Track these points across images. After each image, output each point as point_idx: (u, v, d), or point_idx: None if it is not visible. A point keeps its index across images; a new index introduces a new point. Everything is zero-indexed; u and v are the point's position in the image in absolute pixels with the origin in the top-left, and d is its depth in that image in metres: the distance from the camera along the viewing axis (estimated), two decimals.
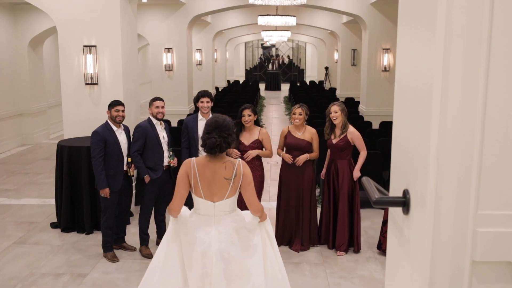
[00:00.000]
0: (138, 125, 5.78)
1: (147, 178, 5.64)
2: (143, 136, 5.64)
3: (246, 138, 5.82)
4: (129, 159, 5.75)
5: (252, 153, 5.75)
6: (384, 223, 5.79)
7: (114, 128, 5.68)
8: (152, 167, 5.69)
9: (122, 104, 5.76)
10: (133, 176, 5.88)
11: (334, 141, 5.89)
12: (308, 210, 5.95)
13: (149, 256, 5.78)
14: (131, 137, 5.83)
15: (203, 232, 3.42)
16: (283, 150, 6.00)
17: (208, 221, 3.44)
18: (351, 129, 5.85)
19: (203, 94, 6.02)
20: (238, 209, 3.59)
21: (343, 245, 5.88)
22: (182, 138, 6.02)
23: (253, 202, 3.49)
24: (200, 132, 5.90)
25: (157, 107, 5.74)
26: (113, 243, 5.84)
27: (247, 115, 5.82)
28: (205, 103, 5.97)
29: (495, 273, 1.53)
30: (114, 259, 5.69)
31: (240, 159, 3.62)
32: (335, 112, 5.81)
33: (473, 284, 1.54)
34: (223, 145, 3.39)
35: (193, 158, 3.54)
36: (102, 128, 5.66)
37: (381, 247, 5.87)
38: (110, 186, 5.58)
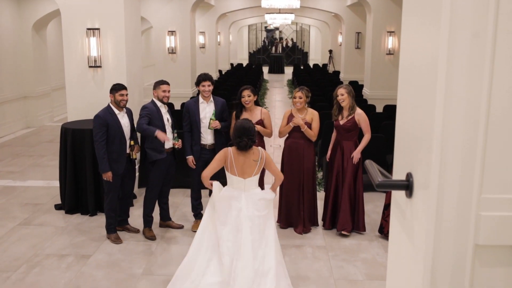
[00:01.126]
0: (145, 106, 5.75)
1: (159, 134, 5.44)
2: (149, 116, 5.64)
3: (249, 116, 5.84)
4: (132, 142, 5.76)
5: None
6: (386, 206, 5.80)
7: (116, 111, 5.67)
8: (155, 147, 5.68)
9: (126, 88, 5.75)
10: (135, 159, 5.88)
11: (341, 122, 5.89)
12: (308, 192, 5.98)
13: (152, 238, 5.82)
14: (135, 118, 5.83)
15: (237, 200, 4.47)
16: (287, 132, 6.03)
17: (240, 192, 4.51)
18: (359, 111, 5.86)
19: (203, 77, 5.98)
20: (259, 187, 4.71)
21: (347, 226, 5.91)
22: (184, 122, 5.99)
23: (277, 172, 4.79)
24: (202, 115, 5.92)
25: (164, 90, 5.74)
26: (116, 225, 5.89)
27: (247, 96, 5.86)
28: (206, 86, 5.95)
29: (498, 256, 1.53)
30: (117, 240, 5.73)
31: (260, 148, 4.73)
32: (342, 95, 5.82)
33: (476, 268, 1.54)
34: (251, 144, 4.57)
35: (230, 148, 4.61)
36: (104, 111, 5.65)
37: (383, 231, 5.89)
38: (113, 169, 5.58)
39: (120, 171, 5.63)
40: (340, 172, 5.95)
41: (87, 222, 6.40)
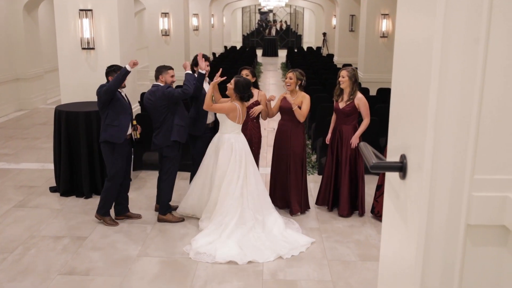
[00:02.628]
0: (157, 88, 5.63)
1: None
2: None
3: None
4: (134, 122, 5.77)
5: (257, 109, 5.95)
6: (378, 187, 5.87)
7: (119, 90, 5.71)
8: (183, 125, 5.73)
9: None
10: (138, 138, 5.87)
11: (340, 106, 5.89)
12: (295, 175, 5.99)
13: (181, 219, 5.91)
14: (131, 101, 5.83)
15: (240, 141, 5.53)
16: (276, 112, 6.11)
17: (238, 134, 5.57)
18: (359, 95, 5.86)
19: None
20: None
21: (346, 211, 5.96)
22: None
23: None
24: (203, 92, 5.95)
25: (172, 75, 5.74)
26: (116, 214, 5.88)
27: (245, 75, 5.91)
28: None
29: (490, 236, 1.56)
30: (113, 222, 5.74)
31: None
32: (342, 77, 5.82)
33: (468, 247, 1.57)
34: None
35: (236, 103, 5.52)
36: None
37: (374, 211, 5.97)
38: (115, 138, 5.53)
39: (121, 140, 5.54)
40: (336, 156, 5.98)
41: (82, 204, 6.42)
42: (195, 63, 6.04)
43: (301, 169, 6.02)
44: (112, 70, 5.67)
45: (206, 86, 6.08)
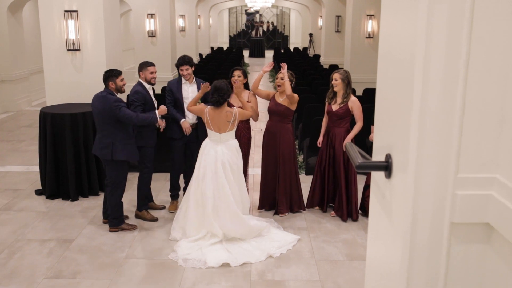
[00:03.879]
0: (137, 90, 5.68)
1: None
2: (144, 100, 5.65)
3: (236, 101, 5.87)
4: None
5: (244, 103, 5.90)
6: (366, 187, 5.89)
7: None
8: (151, 131, 5.78)
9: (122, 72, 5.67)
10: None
11: (334, 108, 5.88)
12: (284, 175, 6.00)
13: (154, 219, 5.94)
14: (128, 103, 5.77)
15: (214, 150, 5.34)
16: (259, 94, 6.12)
17: (216, 144, 5.38)
18: (353, 98, 5.84)
19: (181, 62, 6.00)
20: (236, 140, 5.52)
21: (341, 213, 5.95)
22: (167, 99, 6.06)
23: (251, 111, 5.68)
24: (184, 94, 5.97)
25: (152, 72, 5.75)
26: (110, 226, 5.73)
27: (237, 76, 5.91)
28: (185, 71, 5.99)
29: (473, 234, 1.58)
30: (130, 226, 5.69)
31: (236, 108, 5.45)
32: (335, 80, 5.80)
33: (452, 245, 1.59)
34: (221, 101, 5.31)
35: (207, 107, 5.38)
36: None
37: (364, 208, 5.99)
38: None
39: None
40: (331, 158, 5.96)
41: (69, 207, 6.38)
42: (180, 63, 6.03)
43: (289, 170, 6.01)
44: (113, 75, 5.44)
45: (191, 89, 6.05)
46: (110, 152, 5.35)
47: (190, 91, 6.02)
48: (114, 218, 5.59)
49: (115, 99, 5.32)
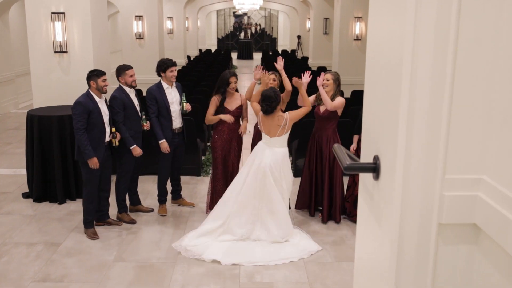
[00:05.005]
0: (114, 96, 5.64)
1: (136, 150, 5.68)
2: (123, 106, 5.59)
3: (230, 104, 5.86)
4: (113, 129, 5.54)
5: (244, 127, 5.99)
6: (347, 189, 5.94)
7: (97, 98, 5.43)
8: (132, 135, 5.70)
9: (105, 73, 5.58)
10: (117, 145, 5.62)
11: (321, 110, 5.88)
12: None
13: (133, 221, 5.90)
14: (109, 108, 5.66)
15: (262, 152, 5.40)
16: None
17: (266, 147, 5.42)
18: (341, 99, 5.85)
19: (172, 63, 5.93)
20: (286, 148, 5.50)
21: (322, 215, 5.97)
22: (151, 108, 5.89)
23: (302, 113, 5.53)
24: (170, 99, 5.89)
25: (131, 75, 5.69)
26: (96, 220, 5.76)
27: (234, 82, 5.87)
28: (175, 71, 5.95)
29: (460, 234, 1.60)
30: (94, 236, 5.53)
31: (286, 113, 5.42)
32: (327, 80, 5.81)
33: (440, 246, 1.61)
34: (269, 109, 5.35)
35: (261, 112, 5.40)
36: (85, 98, 5.38)
37: (346, 211, 6.02)
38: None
39: (99, 159, 5.39)
40: (318, 159, 5.96)
41: (56, 210, 6.33)
42: (163, 69, 5.93)
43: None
44: (94, 74, 5.40)
45: (174, 93, 6.01)
46: (75, 152, 5.45)
47: (173, 94, 5.97)
48: (85, 220, 5.59)
49: (78, 113, 5.27)
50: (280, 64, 5.85)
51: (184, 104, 5.98)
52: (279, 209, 5.34)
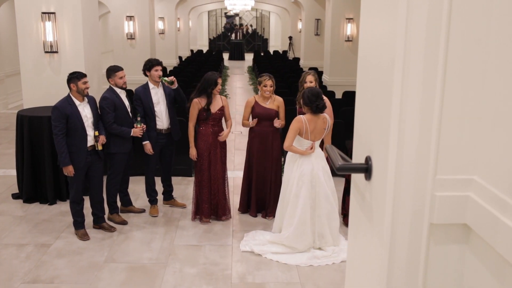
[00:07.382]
0: (105, 96, 5.61)
1: (134, 133, 5.70)
2: (113, 107, 5.57)
3: (213, 106, 5.81)
4: (96, 133, 5.41)
5: (226, 134, 5.91)
6: (347, 190, 5.94)
7: (77, 102, 5.30)
8: (121, 138, 5.71)
9: (86, 75, 5.48)
10: (101, 150, 5.50)
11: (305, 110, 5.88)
12: (276, 178, 6.03)
13: (124, 222, 5.87)
14: (99, 109, 5.60)
15: (308, 159, 5.19)
16: (248, 120, 6.02)
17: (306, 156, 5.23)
18: (324, 98, 5.86)
19: (157, 62, 5.94)
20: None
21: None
22: (138, 109, 5.88)
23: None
24: (155, 99, 5.90)
25: (121, 77, 5.67)
26: (93, 222, 5.74)
27: (220, 84, 5.84)
28: (159, 71, 5.94)
29: (452, 234, 1.61)
30: (84, 237, 5.49)
31: (326, 115, 5.27)
32: (311, 82, 5.80)
33: (431, 246, 1.61)
34: (320, 106, 5.11)
35: (302, 117, 5.15)
36: (63, 102, 5.27)
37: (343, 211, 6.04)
38: (73, 162, 5.26)
39: (80, 164, 5.31)
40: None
41: (47, 211, 6.29)
42: (147, 68, 5.95)
43: (279, 173, 6.07)
44: (75, 77, 5.29)
45: (160, 92, 5.99)
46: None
47: (160, 94, 5.95)
48: (74, 221, 5.57)
49: (54, 118, 5.22)
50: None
51: (164, 80, 5.88)
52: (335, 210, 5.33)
